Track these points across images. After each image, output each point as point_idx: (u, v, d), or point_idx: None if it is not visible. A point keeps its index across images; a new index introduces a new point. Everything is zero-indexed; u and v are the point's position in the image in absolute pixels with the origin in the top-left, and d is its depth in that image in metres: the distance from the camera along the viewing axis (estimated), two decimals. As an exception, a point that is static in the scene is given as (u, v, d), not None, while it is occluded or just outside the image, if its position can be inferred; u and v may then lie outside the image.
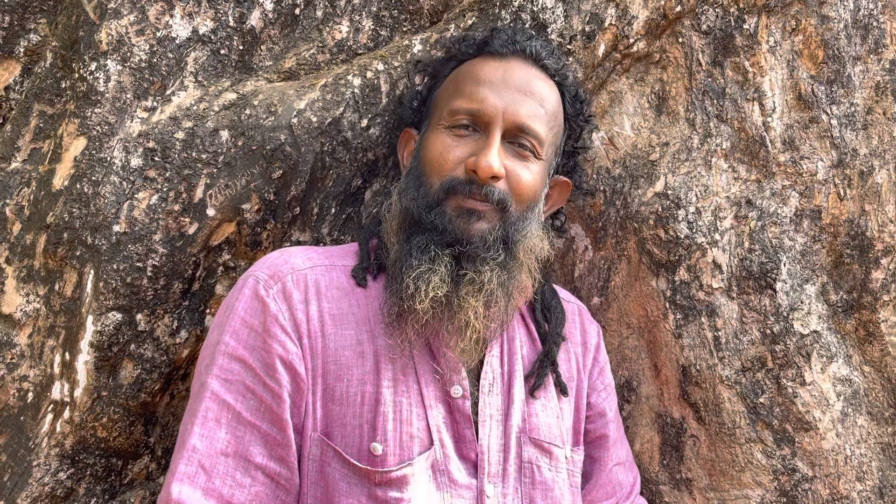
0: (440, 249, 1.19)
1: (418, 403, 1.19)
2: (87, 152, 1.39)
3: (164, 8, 1.43)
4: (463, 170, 1.23)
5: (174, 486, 1.10)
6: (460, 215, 1.21)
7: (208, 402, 1.14)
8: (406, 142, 1.40)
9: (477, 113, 1.24)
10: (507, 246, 1.23)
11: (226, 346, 1.16)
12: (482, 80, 1.27)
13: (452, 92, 1.30)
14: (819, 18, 1.56)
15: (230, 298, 1.22)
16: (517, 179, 1.25)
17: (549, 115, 1.29)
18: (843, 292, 1.53)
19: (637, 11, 1.59)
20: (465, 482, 1.20)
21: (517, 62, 1.30)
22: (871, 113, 1.55)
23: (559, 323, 1.39)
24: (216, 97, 1.45)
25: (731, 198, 1.54)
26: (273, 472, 1.14)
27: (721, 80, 1.58)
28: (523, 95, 1.26)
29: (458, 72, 1.33)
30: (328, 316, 1.21)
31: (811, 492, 1.46)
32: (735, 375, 1.48)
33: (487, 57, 1.31)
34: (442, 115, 1.28)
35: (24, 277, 1.42)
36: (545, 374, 1.33)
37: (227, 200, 1.41)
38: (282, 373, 1.15)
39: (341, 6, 1.57)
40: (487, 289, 1.20)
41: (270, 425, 1.14)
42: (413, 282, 1.17)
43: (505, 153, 1.24)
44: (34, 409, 1.40)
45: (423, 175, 1.26)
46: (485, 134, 1.24)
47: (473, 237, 1.21)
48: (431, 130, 1.30)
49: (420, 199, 1.24)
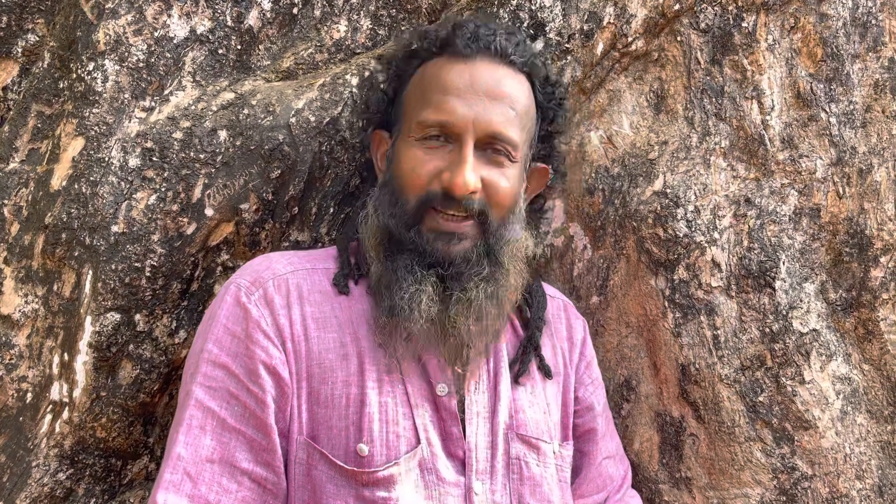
0: (424, 270, 1.19)
1: (404, 403, 1.19)
2: (85, 152, 1.39)
3: (162, 8, 1.43)
4: (438, 184, 1.20)
5: (159, 495, 1.10)
6: (438, 237, 1.20)
7: (193, 409, 1.14)
8: (378, 144, 1.36)
9: (446, 125, 1.21)
10: (491, 258, 1.22)
11: (209, 354, 1.16)
12: (449, 87, 1.22)
13: (420, 100, 1.26)
14: (818, 16, 1.56)
15: (213, 307, 1.22)
16: (494, 188, 1.22)
17: (520, 115, 1.26)
18: (842, 291, 1.53)
19: (635, 10, 1.58)
20: (453, 480, 1.20)
21: (483, 63, 1.24)
22: (870, 111, 1.55)
23: (540, 307, 1.38)
24: (214, 97, 1.45)
25: (730, 196, 1.54)
26: (259, 476, 1.14)
27: (720, 78, 1.58)
28: (492, 101, 1.22)
29: (424, 74, 1.28)
30: (311, 319, 1.20)
31: (811, 490, 1.46)
32: (734, 374, 1.48)
33: (452, 59, 1.25)
34: (411, 126, 1.25)
35: (23, 278, 1.42)
36: (529, 359, 1.32)
37: (226, 200, 1.41)
38: (265, 378, 1.15)
39: (339, 5, 1.56)
40: (476, 304, 1.20)
41: (255, 431, 1.14)
42: (407, 304, 1.17)
43: (478, 163, 1.21)
44: (33, 410, 1.40)
45: (398, 191, 1.23)
46: (457, 145, 1.21)
47: (455, 258, 1.20)
48: (402, 142, 1.27)
49: (398, 216, 1.22)
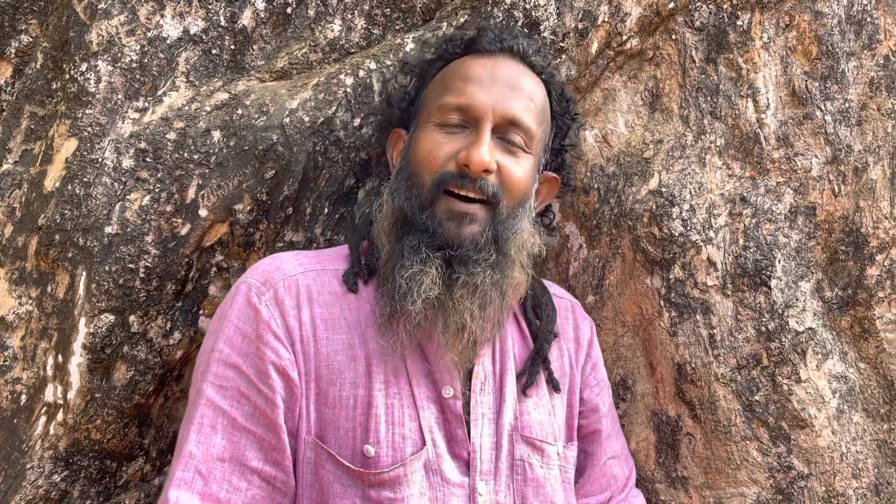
0: (431, 251, 1.19)
1: (410, 405, 1.20)
2: (79, 153, 1.39)
3: (155, 8, 1.43)
4: (454, 164, 1.22)
5: (171, 492, 1.11)
6: (451, 218, 1.21)
7: (204, 408, 1.16)
8: (395, 142, 1.39)
9: (466, 108, 1.24)
10: (499, 245, 1.23)
11: (220, 354, 1.18)
12: (470, 76, 1.27)
13: (441, 90, 1.30)
14: (813, 14, 1.56)
15: (224, 306, 1.24)
16: (508, 174, 1.24)
17: (538, 109, 1.29)
18: (837, 289, 1.53)
19: (630, 8, 1.58)
20: (457, 480, 1.21)
21: (504, 59, 1.30)
22: (866, 109, 1.55)
23: (550, 320, 1.39)
24: (208, 97, 1.45)
25: (726, 195, 1.53)
26: (269, 475, 1.16)
27: (715, 76, 1.57)
28: (512, 90, 1.26)
29: (447, 71, 1.33)
30: (320, 321, 1.22)
31: (807, 489, 1.46)
32: (730, 373, 1.48)
33: (475, 55, 1.31)
34: (431, 112, 1.28)
35: (17, 279, 1.42)
36: (537, 371, 1.33)
37: (220, 201, 1.41)
38: (275, 378, 1.17)
39: (333, 5, 1.56)
40: (481, 290, 1.20)
41: (265, 430, 1.16)
42: (406, 282, 1.17)
43: (495, 148, 1.24)
44: (27, 412, 1.40)
45: (414, 174, 1.25)
46: (475, 129, 1.24)
47: (464, 241, 1.21)
48: (421, 129, 1.30)
49: (413, 198, 1.24)
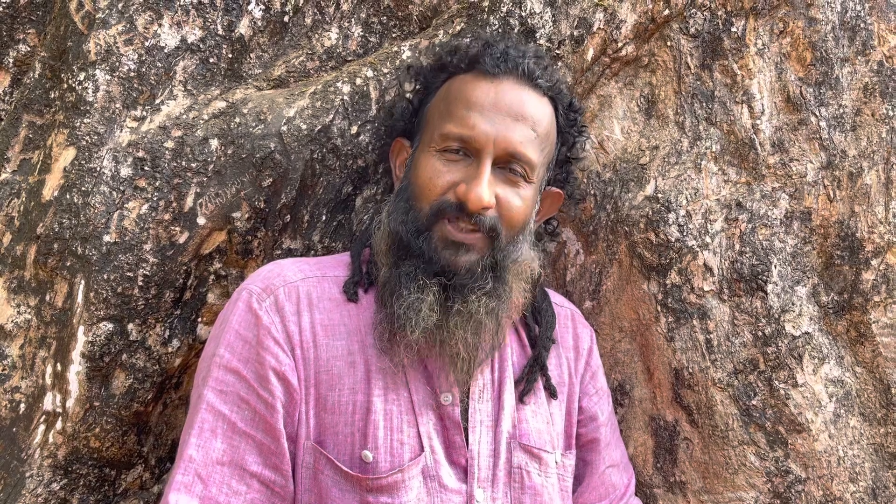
0: (427, 278, 1.20)
1: (409, 411, 1.21)
2: (77, 162, 1.39)
3: (153, 17, 1.43)
4: (454, 195, 1.22)
5: (171, 496, 1.12)
6: (447, 247, 1.21)
7: (204, 413, 1.17)
8: (398, 152, 1.39)
9: (468, 139, 1.23)
10: (496, 272, 1.23)
11: (220, 359, 1.19)
12: (473, 103, 1.25)
13: (444, 113, 1.28)
14: (807, 20, 1.57)
15: (225, 311, 1.25)
16: (508, 207, 1.24)
17: (540, 137, 1.28)
18: (833, 293, 1.53)
19: (625, 15, 1.59)
20: (455, 487, 1.22)
21: (509, 83, 1.27)
22: (860, 114, 1.56)
23: (549, 327, 1.39)
24: (205, 106, 1.45)
25: (722, 200, 1.54)
26: (268, 479, 1.17)
27: (710, 83, 1.58)
28: (514, 121, 1.24)
29: (450, 88, 1.31)
30: (320, 327, 1.22)
31: (804, 493, 1.46)
32: (727, 378, 1.48)
33: (479, 76, 1.28)
34: (433, 137, 1.27)
35: (15, 288, 1.42)
36: (534, 379, 1.33)
37: (218, 209, 1.41)
38: (275, 384, 1.17)
39: (330, 13, 1.57)
40: (476, 318, 1.21)
41: (265, 435, 1.17)
42: (404, 311, 1.18)
43: (495, 180, 1.23)
44: (26, 421, 1.40)
45: (413, 199, 1.25)
46: (476, 160, 1.23)
47: (460, 269, 1.21)
48: (422, 152, 1.29)
49: (409, 223, 1.23)
